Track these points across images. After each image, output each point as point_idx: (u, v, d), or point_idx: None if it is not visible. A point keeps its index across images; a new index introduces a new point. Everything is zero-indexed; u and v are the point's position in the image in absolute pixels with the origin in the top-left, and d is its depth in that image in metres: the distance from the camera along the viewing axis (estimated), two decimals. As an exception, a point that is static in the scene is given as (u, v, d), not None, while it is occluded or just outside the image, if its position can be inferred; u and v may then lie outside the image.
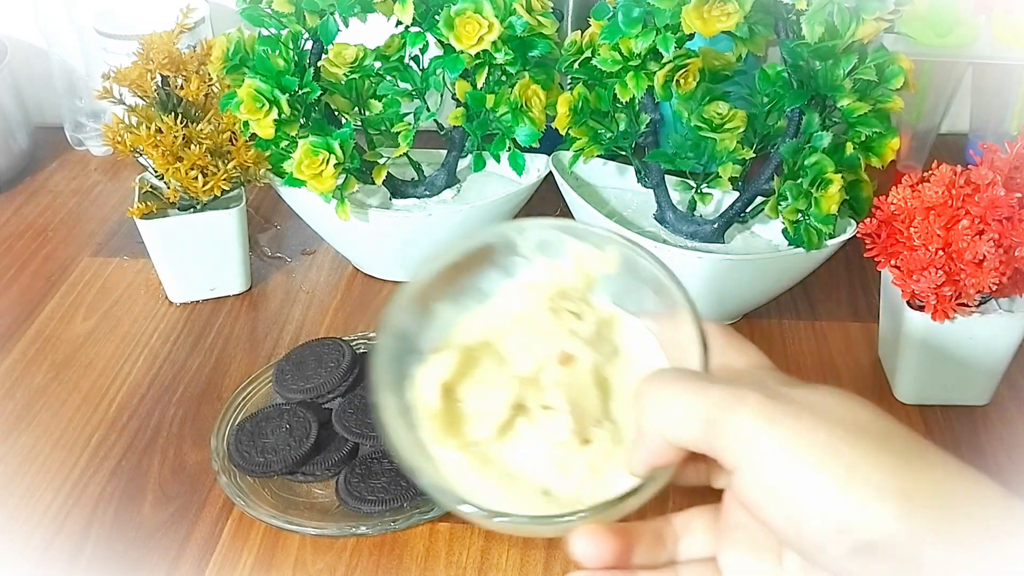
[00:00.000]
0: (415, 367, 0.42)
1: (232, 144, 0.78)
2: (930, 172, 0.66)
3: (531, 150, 0.79)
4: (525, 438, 0.41)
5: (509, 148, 0.78)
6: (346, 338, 0.75)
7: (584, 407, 0.42)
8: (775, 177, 0.73)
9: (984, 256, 0.63)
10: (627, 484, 0.38)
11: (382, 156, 0.82)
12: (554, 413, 0.41)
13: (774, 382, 0.37)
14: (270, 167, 0.80)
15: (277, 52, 0.75)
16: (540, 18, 0.74)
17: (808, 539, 0.34)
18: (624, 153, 0.79)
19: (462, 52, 0.73)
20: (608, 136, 0.77)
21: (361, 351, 0.74)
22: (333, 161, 0.74)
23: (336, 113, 0.81)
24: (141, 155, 0.77)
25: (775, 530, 0.35)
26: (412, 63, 0.79)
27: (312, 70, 0.77)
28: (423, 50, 0.77)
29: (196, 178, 0.76)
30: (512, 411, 0.42)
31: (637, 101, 0.74)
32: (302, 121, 0.77)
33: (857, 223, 0.71)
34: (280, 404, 0.70)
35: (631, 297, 0.44)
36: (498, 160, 0.79)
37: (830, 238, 0.72)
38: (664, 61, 0.71)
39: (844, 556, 0.33)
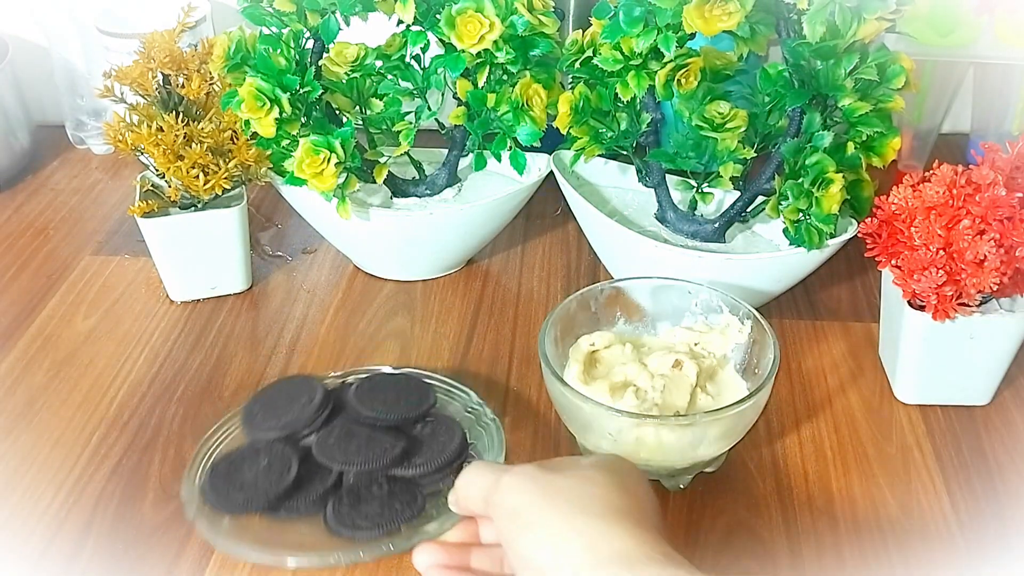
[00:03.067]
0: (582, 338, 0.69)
1: (233, 143, 0.78)
2: (931, 172, 0.66)
3: (532, 149, 0.79)
4: (624, 400, 0.63)
5: (510, 147, 0.78)
6: (314, 375, 0.71)
7: (672, 399, 0.63)
8: (776, 177, 0.73)
9: (985, 256, 0.63)
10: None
11: (383, 155, 0.82)
12: (648, 393, 0.63)
13: (542, 468, 0.51)
14: (271, 166, 0.80)
15: (278, 51, 0.75)
16: (541, 17, 0.74)
17: None
18: (625, 152, 0.79)
19: (463, 51, 0.73)
20: (609, 135, 0.77)
21: (332, 387, 0.70)
22: (334, 160, 0.74)
23: (337, 112, 0.81)
24: (142, 154, 0.77)
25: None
26: (413, 62, 0.79)
27: (313, 69, 0.77)
28: (424, 49, 0.77)
29: (197, 177, 0.76)
30: (626, 382, 0.65)
31: (638, 100, 0.74)
32: (303, 120, 0.77)
33: (858, 223, 0.71)
34: (254, 442, 0.65)
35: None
36: (499, 159, 0.79)
37: (831, 238, 0.72)
38: (665, 60, 0.71)
39: None
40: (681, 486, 0.65)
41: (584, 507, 0.48)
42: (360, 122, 0.82)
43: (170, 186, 0.78)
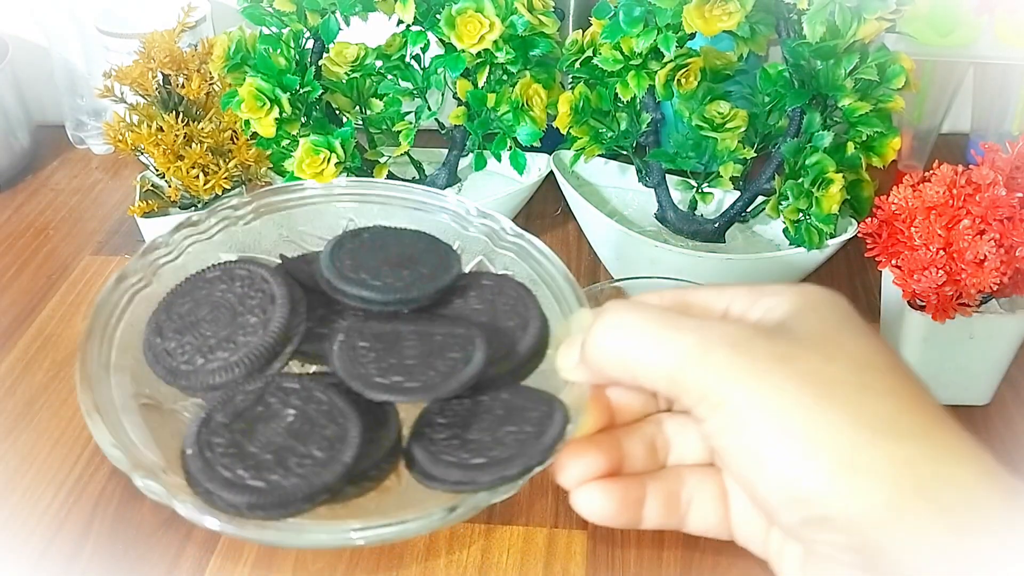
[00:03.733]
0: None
1: (233, 143, 0.78)
2: (931, 172, 0.66)
3: (532, 149, 0.79)
4: None
5: (510, 147, 0.78)
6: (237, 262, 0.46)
7: None
8: (776, 177, 0.73)
9: (985, 256, 0.63)
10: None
11: (383, 155, 0.82)
12: None
13: (750, 330, 0.34)
14: (271, 166, 0.80)
15: (278, 51, 0.75)
16: (541, 17, 0.74)
17: (761, 502, 0.33)
18: (625, 152, 0.79)
19: (463, 51, 0.73)
20: (609, 135, 0.77)
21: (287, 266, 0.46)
22: (334, 160, 0.74)
23: (337, 112, 0.81)
24: (142, 154, 0.77)
25: (734, 479, 0.35)
26: (413, 62, 0.79)
27: (313, 69, 0.77)
28: (424, 49, 0.77)
29: (197, 177, 0.76)
30: None
31: (638, 100, 0.74)
32: (303, 120, 0.77)
33: (858, 223, 0.71)
34: (242, 386, 0.40)
35: None
36: (499, 159, 0.79)
37: (831, 238, 0.72)
38: (665, 60, 0.71)
39: (798, 525, 0.32)
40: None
41: (887, 416, 0.32)
42: (360, 122, 0.82)
43: (170, 186, 0.78)
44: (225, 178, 0.77)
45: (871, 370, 0.33)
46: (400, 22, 0.76)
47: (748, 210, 0.77)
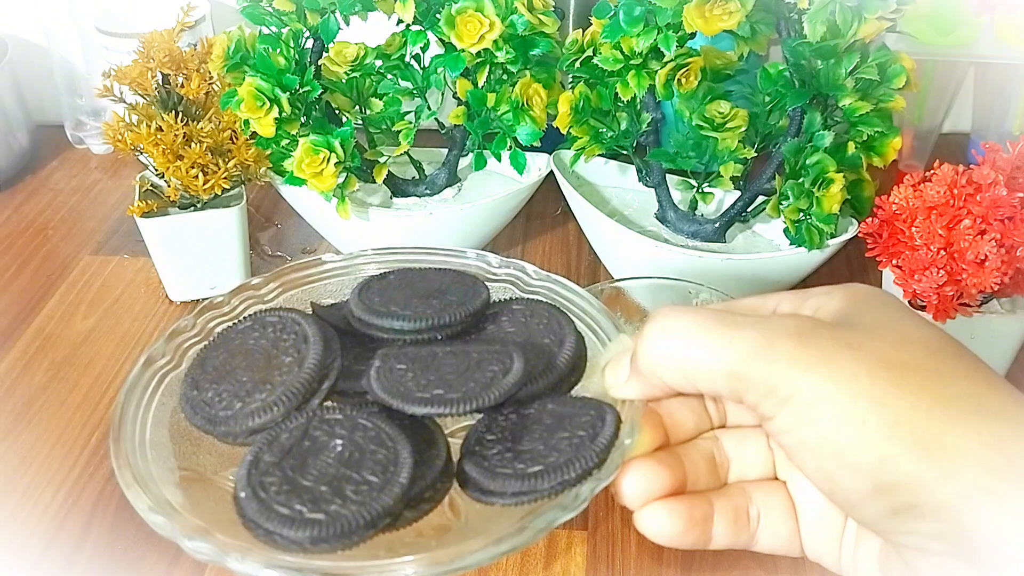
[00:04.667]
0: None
1: (233, 142, 0.78)
2: (932, 172, 0.66)
3: (532, 149, 0.79)
4: None
5: (510, 147, 0.78)
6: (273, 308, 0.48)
7: None
8: (776, 176, 0.73)
9: (986, 256, 0.62)
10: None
11: (383, 155, 0.82)
12: None
13: (812, 321, 0.33)
14: (271, 166, 0.79)
15: (278, 50, 0.75)
16: (541, 16, 0.74)
17: (842, 496, 0.32)
18: (625, 152, 0.78)
19: (463, 50, 0.73)
20: (609, 135, 0.77)
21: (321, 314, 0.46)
22: (334, 160, 0.74)
23: (337, 112, 0.81)
24: (141, 153, 0.77)
25: (809, 480, 0.33)
26: (413, 61, 0.79)
27: (313, 68, 0.76)
28: (424, 48, 0.77)
29: (196, 176, 0.76)
30: None
31: (638, 100, 0.74)
32: (303, 120, 0.77)
33: (859, 223, 0.71)
34: (285, 420, 0.40)
35: None
36: (499, 159, 0.79)
37: (831, 238, 0.72)
38: (665, 60, 0.71)
39: (883, 516, 0.31)
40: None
41: (975, 396, 0.31)
42: (360, 122, 0.82)
43: (169, 186, 0.78)
44: (224, 178, 0.76)
45: (943, 355, 0.32)
46: (400, 21, 0.76)
47: (748, 210, 0.77)
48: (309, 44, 0.77)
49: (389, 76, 0.80)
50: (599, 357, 0.42)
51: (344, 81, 0.80)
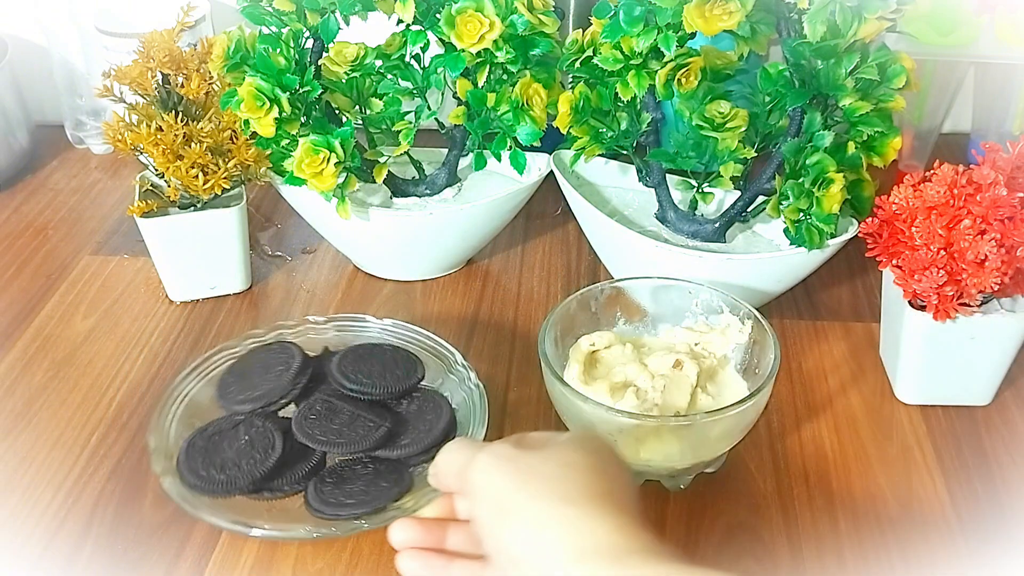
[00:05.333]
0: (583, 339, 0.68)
1: (233, 142, 0.78)
2: (932, 172, 0.66)
3: (532, 149, 0.79)
4: (624, 400, 0.63)
5: (510, 147, 0.78)
6: (292, 342, 0.71)
7: (672, 399, 0.64)
8: (777, 176, 0.73)
9: (986, 256, 0.62)
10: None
11: (383, 155, 0.82)
12: (648, 393, 0.63)
13: (519, 447, 0.49)
14: (271, 166, 0.79)
15: (278, 50, 0.75)
16: (541, 16, 0.74)
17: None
18: (625, 152, 0.78)
19: (463, 50, 0.73)
20: (609, 135, 0.77)
21: (312, 355, 0.70)
22: (334, 160, 0.74)
23: (337, 112, 0.81)
24: (141, 153, 0.77)
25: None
26: (413, 61, 0.79)
27: (313, 68, 0.76)
28: (424, 48, 0.77)
29: (196, 176, 0.76)
30: (626, 383, 0.65)
31: (638, 100, 0.74)
32: (303, 120, 0.77)
33: (859, 223, 0.71)
34: (233, 415, 0.65)
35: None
36: (499, 159, 0.79)
37: (831, 238, 0.72)
38: (666, 60, 0.71)
39: None
40: (681, 486, 0.65)
41: (563, 493, 0.45)
42: (360, 122, 0.82)
43: (169, 186, 0.78)
44: (224, 178, 0.76)
45: (570, 467, 0.47)
46: (400, 21, 0.76)
47: (748, 210, 0.77)
48: (309, 44, 0.77)
49: (389, 76, 0.79)
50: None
51: (344, 81, 0.80)
